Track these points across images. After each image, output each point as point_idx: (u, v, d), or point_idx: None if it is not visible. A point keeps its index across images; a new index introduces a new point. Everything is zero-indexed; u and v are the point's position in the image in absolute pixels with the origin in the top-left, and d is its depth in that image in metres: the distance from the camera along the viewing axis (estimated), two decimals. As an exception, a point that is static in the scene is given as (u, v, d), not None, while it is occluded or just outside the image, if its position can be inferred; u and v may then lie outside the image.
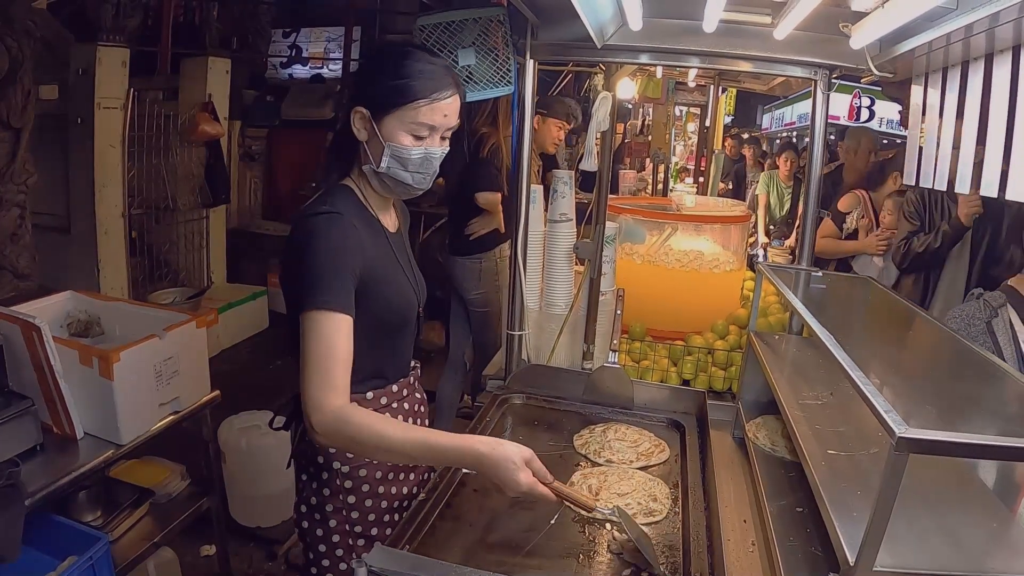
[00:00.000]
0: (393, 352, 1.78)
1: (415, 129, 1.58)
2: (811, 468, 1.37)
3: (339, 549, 1.74)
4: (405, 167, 1.61)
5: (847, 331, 1.53)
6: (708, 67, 2.54)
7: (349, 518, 1.73)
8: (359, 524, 1.74)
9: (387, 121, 1.58)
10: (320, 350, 1.48)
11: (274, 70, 8.36)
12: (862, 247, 4.38)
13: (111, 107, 4.93)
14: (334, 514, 1.72)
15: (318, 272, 1.51)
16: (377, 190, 1.70)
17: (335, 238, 1.53)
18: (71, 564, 2.03)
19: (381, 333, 1.69)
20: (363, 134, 1.62)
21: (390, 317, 1.69)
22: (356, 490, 1.72)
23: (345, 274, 1.53)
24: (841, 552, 1.13)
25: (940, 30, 1.71)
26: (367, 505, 1.74)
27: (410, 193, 1.69)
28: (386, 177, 1.63)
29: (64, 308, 2.72)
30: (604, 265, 2.55)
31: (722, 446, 2.18)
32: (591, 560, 1.58)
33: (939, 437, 1.00)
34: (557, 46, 2.32)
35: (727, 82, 5.18)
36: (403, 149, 1.58)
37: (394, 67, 1.56)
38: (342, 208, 1.59)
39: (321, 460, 1.71)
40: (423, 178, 1.65)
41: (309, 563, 1.79)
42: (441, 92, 1.57)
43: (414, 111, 1.56)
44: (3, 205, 4.02)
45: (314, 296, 1.49)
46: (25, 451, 2.19)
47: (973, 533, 1.25)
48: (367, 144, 1.62)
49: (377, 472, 1.73)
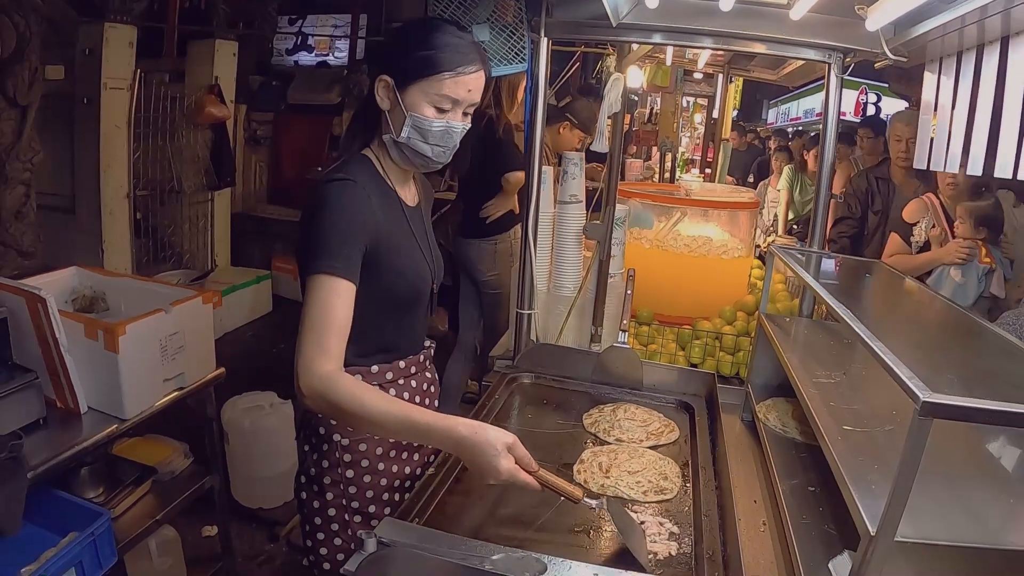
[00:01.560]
0: (403, 327, 1.76)
1: (438, 101, 1.57)
2: (828, 443, 1.35)
3: (334, 524, 1.72)
4: (425, 139, 1.60)
5: (863, 309, 1.52)
6: (722, 48, 2.51)
7: (346, 493, 1.70)
8: (356, 500, 1.71)
9: (411, 91, 1.57)
10: (317, 314, 1.47)
11: (280, 56, 8.33)
12: (940, 257, 3.66)
13: (117, 87, 4.92)
14: (331, 487, 1.70)
15: (325, 237, 1.50)
16: (396, 161, 1.68)
17: (346, 205, 1.52)
18: (72, 540, 2.02)
19: (392, 306, 1.68)
20: (386, 103, 1.60)
21: (402, 290, 1.68)
22: (355, 465, 1.70)
23: (352, 241, 1.52)
24: (862, 523, 1.11)
25: (956, 11, 1.71)
26: (365, 481, 1.71)
27: (428, 166, 1.67)
28: (405, 147, 1.62)
29: (69, 283, 2.70)
30: (613, 247, 2.54)
31: (731, 429, 2.17)
32: (601, 536, 1.56)
33: (963, 403, 0.99)
34: (571, 24, 2.31)
35: (736, 70, 5.15)
36: (425, 120, 1.57)
37: (422, 38, 1.56)
38: (357, 176, 1.58)
39: (322, 431, 1.69)
40: (442, 151, 1.63)
41: (305, 535, 1.78)
42: (467, 67, 1.57)
43: (438, 83, 1.55)
44: (9, 183, 4.00)
45: (318, 260, 1.49)
46: (28, 425, 2.17)
47: (990, 507, 1.24)
48: (389, 113, 1.61)
49: (378, 448, 1.72)
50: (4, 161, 3.95)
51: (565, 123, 4.06)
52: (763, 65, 4.64)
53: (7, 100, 3.90)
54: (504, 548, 1.29)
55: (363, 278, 1.54)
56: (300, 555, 1.84)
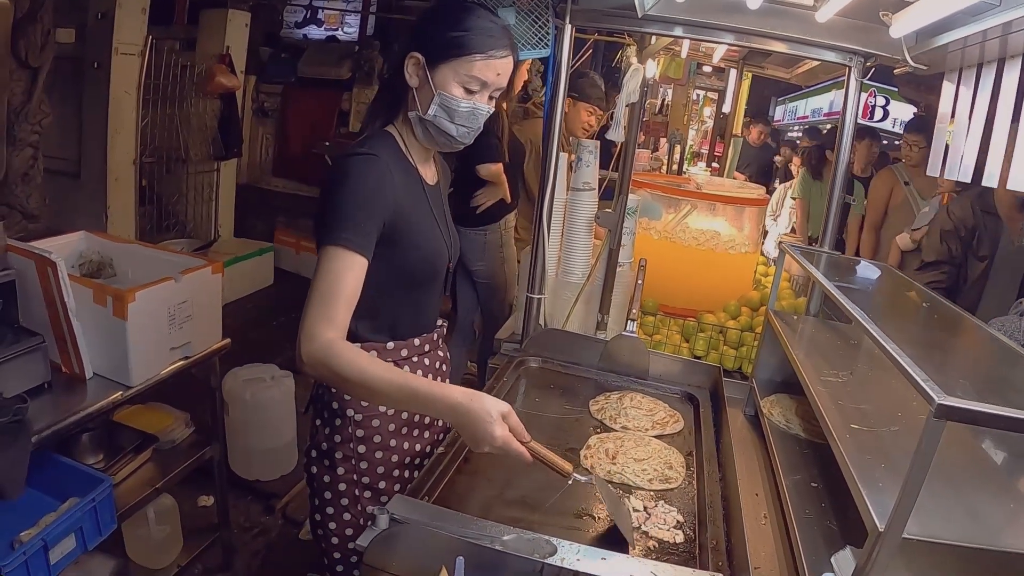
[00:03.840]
0: (419, 304, 1.77)
1: (467, 82, 1.58)
2: (837, 441, 1.37)
3: (344, 499, 1.73)
4: (451, 118, 1.61)
5: (874, 310, 1.53)
6: (743, 45, 2.51)
7: (358, 468, 1.72)
8: (367, 475, 1.73)
9: (441, 70, 1.58)
10: (326, 284, 1.48)
11: (289, 29, 8.28)
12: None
13: (128, 53, 4.89)
14: (343, 462, 1.71)
15: (344, 210, 1.51)
16: (420, 139, 1.69)
17: (368, 179, 1.53)
18: (73, 505, 2.01)
19: (409, 282, 1.69)
20: (415, 80, 1.61)
21: (420, 267, 1.69)
22: (367, 440, 1.71)
23: (371, 215, 1.53)
24: (870, 520, 1.13)
25: (980, 25, 1.72)
26: (377, 457, 1.73)
27: (452, 146, 1.68)
28: (431, 125, 1.62)
29: (77, 248, 2.70)
30: (624, 236, 2.55)
31: (733, 422, 2.18)
32: (607, 522, 1.58)
33: (977, 407, 1.01)
34: (596, 12, 2.32)
35: (750, 66, 5.14)
36: (453, 100, 1.58)
37: (456, 19, 1.57)
38: (380, 151, 1.59)
39: (336, 406, 1.70)
40: (467, 132, 1.64)
41: (313, 509, 1.79)
42: (497, 51, 1.58)
43: (469, 64, 1.56)
44: (17, 144, 3.97)
45: (334, 232, 1.49)
46: (32, 389, 2.17)
47: (991, 509, 1.26)
48: (417, 91, 1.62)
49: (390, 425, 1.73)
50: (13, 123, 3.92)
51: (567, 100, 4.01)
52: (777, 63, 4.63)
53: (18, 61, 3.87)
54: (515, 529, 1.31)
55: (382, 254, 1.56)
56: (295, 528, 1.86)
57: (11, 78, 3.88)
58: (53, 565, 1.94)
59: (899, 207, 4.85)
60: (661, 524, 1.57)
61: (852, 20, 2.19)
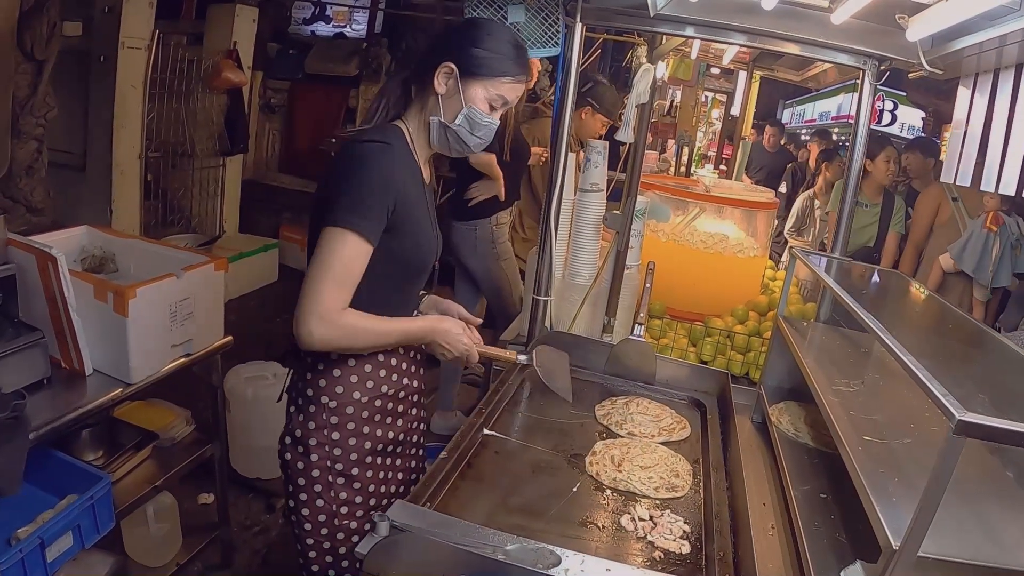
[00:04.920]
0: (407, 296, 1.83)
1: (495, 100, 1.69)
2: (849, 453, 1.34)
3: (318, 485, 1.74)
4: (473, 130, 1.70)
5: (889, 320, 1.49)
6: (756, 46, 2.48)
7: (331, 455, 1.73)
8: (340, 462, 1.74)
9: (473, 85, 1.67)
10: (341, 267, 1.56)
11: (297, 25, 8.26)
12: None
13: (135, 47, 4.87)
14: (317, 448, 1.72)
15: (361, 194, 1.57)
16: (433, 142, 1.75)
17: (384, 167, 1.59)
18: (71, 502, 2.00)
19: (403, 274, 1.75)
20: (443, 88, 1.68)
21: (415, 260, 1.76)
22: (341, 427, 1.73)
23: (383, 203, 1.59)
24: (884, 537, 1.10)
25: (998, 30, 1.71)
26: (351, 444, 1.74)
27: (462, 153, 1.77)
28: (451, 133, 1.70)
29: (79, 243, 2.68)
30: (632, 239, 2.52)
31: (741, 429, 2.15)
32: (612, 531, 1.56)
33: (998, 424, 0.98)
34: (607, 11, 2.29)
35: (760, 68, 5.11)
36: (479, 114, 1.68)
37: (496, 41, 1.67)
38: (394, 142, 1.66)
39: (310, 393, 1.73)
40: (481, 143, 1.74)
41: (288, 495, 1.80)
42: (523, 75, 1.71)
43: (499, 84, 1.68)
44: (21, 137, 3.96)
45: (350, 216, 1.55)
46: (32, 384, 2.15)
47: (1010, 527, 1.23)
48: (443, 98, 1.68)
49: (364, 412, 1.75)
50: (18, 115, 3.90)
51: (587, 108, 4.00)
52: (787, 65, 4.61)
53: (24, 54, 3.85)
54: (518, 538, 1.28)
55: (382, 242, 1.61)
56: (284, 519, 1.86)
57: (16, 71, 3.86)
58: (50, 563, 1.92)
59: (945, 225, 4.68)
60: (667, 534, 1.54)
61: (867, 23, 2.16)
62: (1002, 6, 1.60)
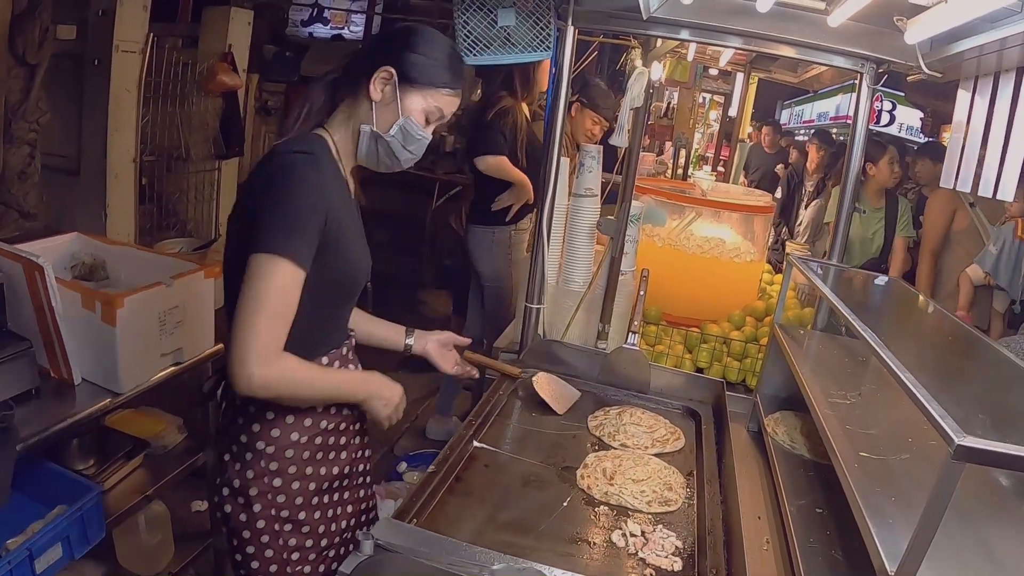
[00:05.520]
0: (338, 318, 1.71)
1: (431, 112, 1.59)
2: (845, 471, 1.31)
3: (265, 535, 1.60)
4: (406, 144, 1.58)
5: (885, 331, 1.46)
6: (751, 49, 2.45)
7: (275, 502, 1.59)
8: (286, 508, 1.60)
9: (412, 93, 1.56)
10: (277, 302, 1.40)
11: (295, 28, 8.25)
12: None
13: (129, 51, 4.84)
14: (259, 498, 1.58)
15: (292, 216, 1.42)
16: (362, 153, 1.62)
17: (313, 184, 1.46)
18: (60, 513, 1.98)
19: (334, 295, 1.63)
20: (379, 95, 1.55)
21: (346, 280, 1.63)
22: (282, 472, 1.60)
23: (316, 225, 1.45)
24: (879, 560, 1.07)
25: (998, 33, 1.67)
26: (294, 488, 1.61)
27: (390, 168, 1.64)
28: (383, 145, 1.58)
29: (69, 250, 2.65)
30: (627, 244, 2.49)
31: (736, 438, 2.12)
32: (603, 547, 1.53)
33: (999, 448, 0.94)
34: (599, 14, 2.26)
35: (757, 70, 5.09)
36: (415, 126, 1.57)
37: (438, 49, 1.57)
38: (321, 155, 1.53)
39: (244, 439, 1.59)
40: (411, 159, 1.63)
41: (232, 550, 1.65)
42: (460, 88, 1.61)
43: (438, 95, 1.57)
44: (13, 142, 3.95)
45: (284, 241, 1.40)
46: (20, 394, 2.11)
47: (1012, 552, 1.19)
48: (378, 105, 1.56)
49: (304, 452, 1.62)
50: (10, 120, 3.90)
51: (575, 103, 3.92)
52: (784, 67, 4.58)
53: (16, 58, 3.84)
54: (505, 556, 1.26)
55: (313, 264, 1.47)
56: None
57: (8, 75, 3.85)
58: (40, 574, 1.90)
59: (964, 233, 4.45)
60: (659, 551, 1.51)
61: (865, 25, 2.14)
62: (1003, 8, 1.57)
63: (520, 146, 3.73)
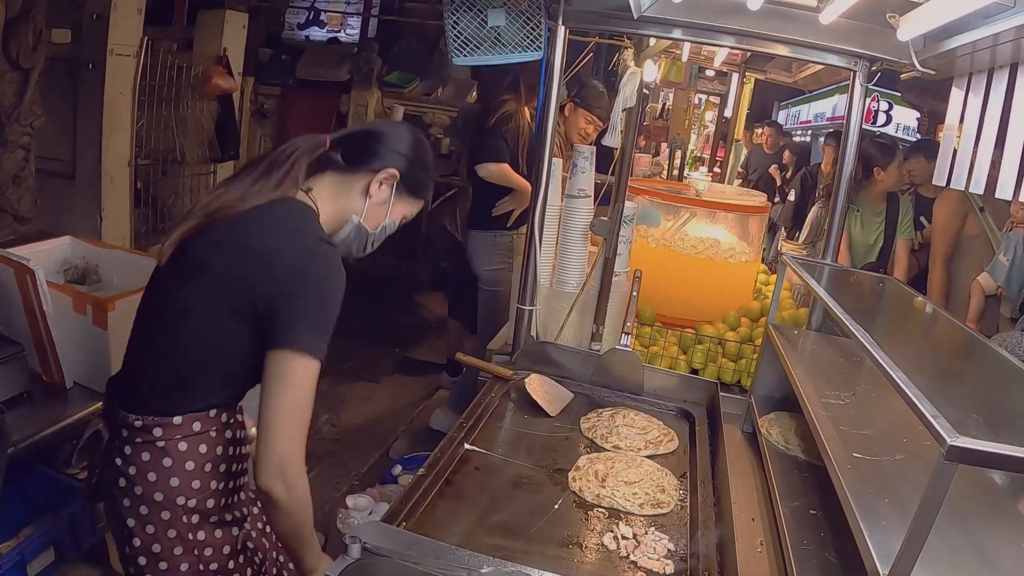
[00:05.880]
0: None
1: (404, 217, 1.67)
2: (838, 472, 1.29)
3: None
4: (377, 241, 1.65)
5: (878, 331, 1.45)
6: (744, 48, 2.45)
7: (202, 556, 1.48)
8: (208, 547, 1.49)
9: (405, 200, 1.63)
10: (308, 402, 1.38)
11: (291, 30, 8.23)
12: None
13: (124, 54, 4.83)
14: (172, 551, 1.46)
15: (330, 317, 1.40)
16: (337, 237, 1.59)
17: (341, 282, 1.43)
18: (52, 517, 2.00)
19: None
20: (378, 194, 1.57)
21: None
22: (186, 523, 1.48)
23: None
24: (871, 563, 1.05)
25: (992, 28, 1.66)
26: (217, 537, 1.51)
27: (350, 256, 1.63)
28: (362, 237, 1.61)
29: (62, 254, 2.64)
30: (620, 245, 2.48)
31: (730, 439, 2.11)
32: (594, 550, 1.52)
33: (992, 448, 0.93)
34: (591, 14, 2.25)
35: (752, 70, 5.07)
36: (392, 228, 1.65)
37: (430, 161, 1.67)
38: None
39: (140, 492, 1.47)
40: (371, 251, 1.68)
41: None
42: None
43: (417, 205, 1.68)
44: (7, 146, 3.94)
45: (320, 344, 1.37)
46: (11, 398, 2.11)
47: (1006, 552, 1.18)
48: (372, 202, 1.57)
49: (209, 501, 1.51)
50: (4, 124, 3.89)
51: (568, 103, 3.90)
52: (779, 67, 4.56)
53: (9, 62, 3.83)
54: (494, 560, 1.24)
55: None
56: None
57: (2, 79, 3.84)
58: (31, 579, 1.91)
59: (975, 239, 4.24)
60: (651, 554, 1.50)
61: (857, 22, 2.13)
62: (995, 3, 1.56)
63: (522, 152, 3.72)
